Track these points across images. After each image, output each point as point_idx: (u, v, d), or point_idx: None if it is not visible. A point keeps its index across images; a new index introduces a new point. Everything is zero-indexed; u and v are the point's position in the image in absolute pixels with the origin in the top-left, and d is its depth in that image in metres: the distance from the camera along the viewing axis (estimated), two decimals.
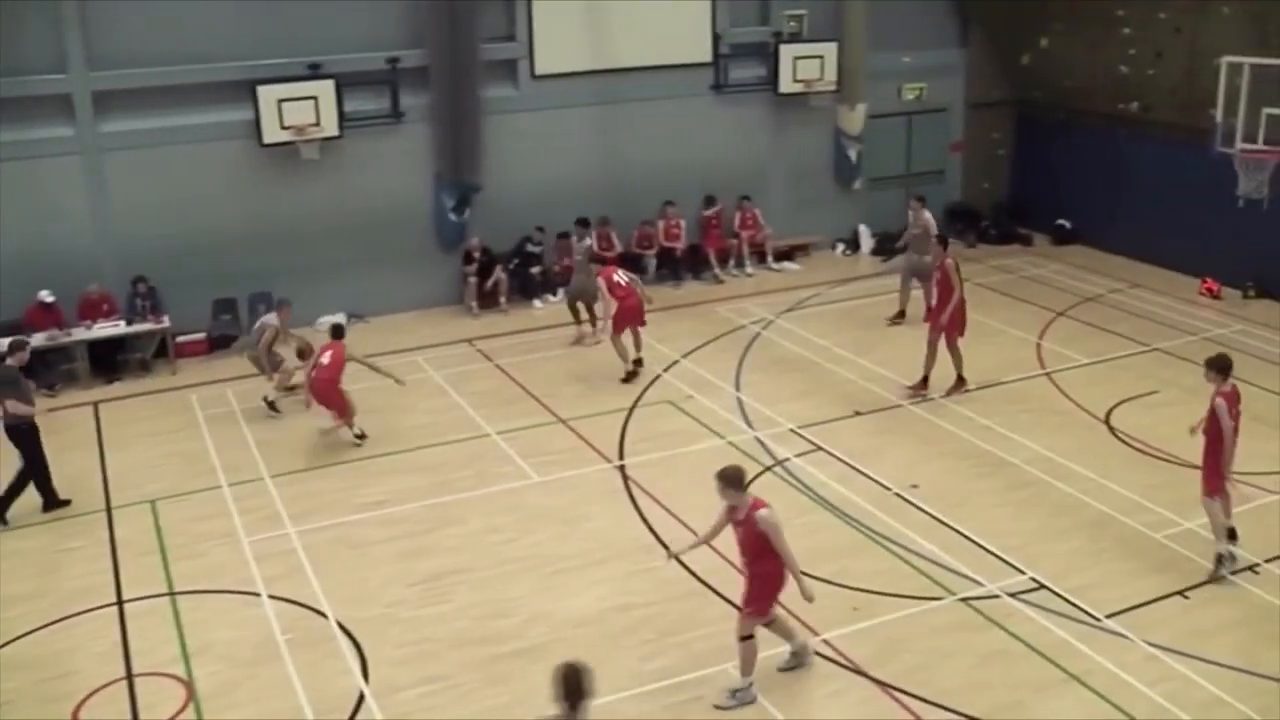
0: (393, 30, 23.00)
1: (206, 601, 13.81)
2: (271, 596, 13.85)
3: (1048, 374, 20.31)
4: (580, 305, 22.30)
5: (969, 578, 13.91)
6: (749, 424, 18.42)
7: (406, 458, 17.50)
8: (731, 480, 11.33)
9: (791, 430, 18.10)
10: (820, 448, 17.48)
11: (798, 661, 12.25)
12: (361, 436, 18.03)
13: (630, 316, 20.25)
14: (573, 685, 8.71)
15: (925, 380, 19.44)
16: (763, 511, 11.22)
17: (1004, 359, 20.84)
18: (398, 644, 12.89)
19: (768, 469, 16.88)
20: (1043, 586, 13.71)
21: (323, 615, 13.44)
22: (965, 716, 11.51)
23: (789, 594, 11.64)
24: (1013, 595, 13.56)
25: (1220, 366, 13.95)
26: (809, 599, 11.58)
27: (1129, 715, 11.49)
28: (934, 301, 19.42)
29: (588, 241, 23.99)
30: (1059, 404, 19.09)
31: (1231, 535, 14.16)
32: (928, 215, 22.83)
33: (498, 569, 14.36)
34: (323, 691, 12.09)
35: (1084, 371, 20.38)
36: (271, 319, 19.71)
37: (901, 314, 23.12)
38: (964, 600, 13.48)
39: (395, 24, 23.00)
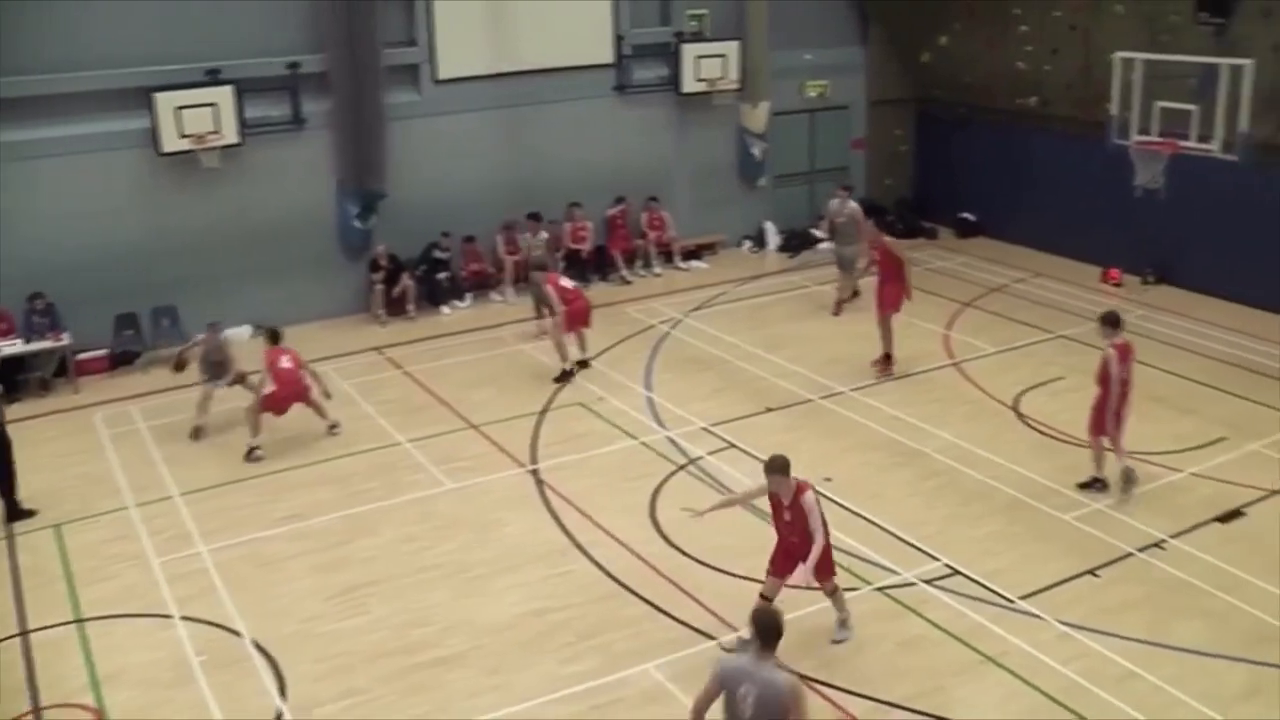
0: (292, 34, 22.66)
1: (117, 627, 13.50)
2: (184, 618, 13.57)
3: (956, 364, 20.52)
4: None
5: (885, 567, 14.01)
6: (661, 424, 18.41)
7: (317, 470, 17.28)
8: (778, 468, 11.79)
9: (704, 429, 18.12)
10: (733, 445, 17.51)
11: (846, 634, 12.68)
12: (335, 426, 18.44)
13: (578, 319, 20.55)
14: (767, 627, 8.61)
15: (888, 357, 20.11)
16: (809, 494, 11.86)
17: (913, 350, 20.99)
18: (315, 659, 12.71)
19: (681, 468, 16.89)
20: (957, 572, 13.84)
21: (237, 634, 13.20)
22: (885, 703, 11.60)
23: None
24: (928, 582, 13.68)
25: (1110, 320, 15.28)
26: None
27: (1045, 693, 11.65)
28: (878, 282, 20.31)
29: (544, 235, 24.45)
30: (968, 393, 19.29)
31: (1101, 485, 15.37)
32: (854, 204, 23.20)
33: (413, 578, 14.22)
34: (240, 712, 11.89)
35: (991, 360, 20.62)
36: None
37: (841, 304, 23.45)
38: (881, 590, 13.58)
39: (295, 28, 22.66)
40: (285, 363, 17.86)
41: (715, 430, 18.03)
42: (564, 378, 20.25)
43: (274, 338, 18.30)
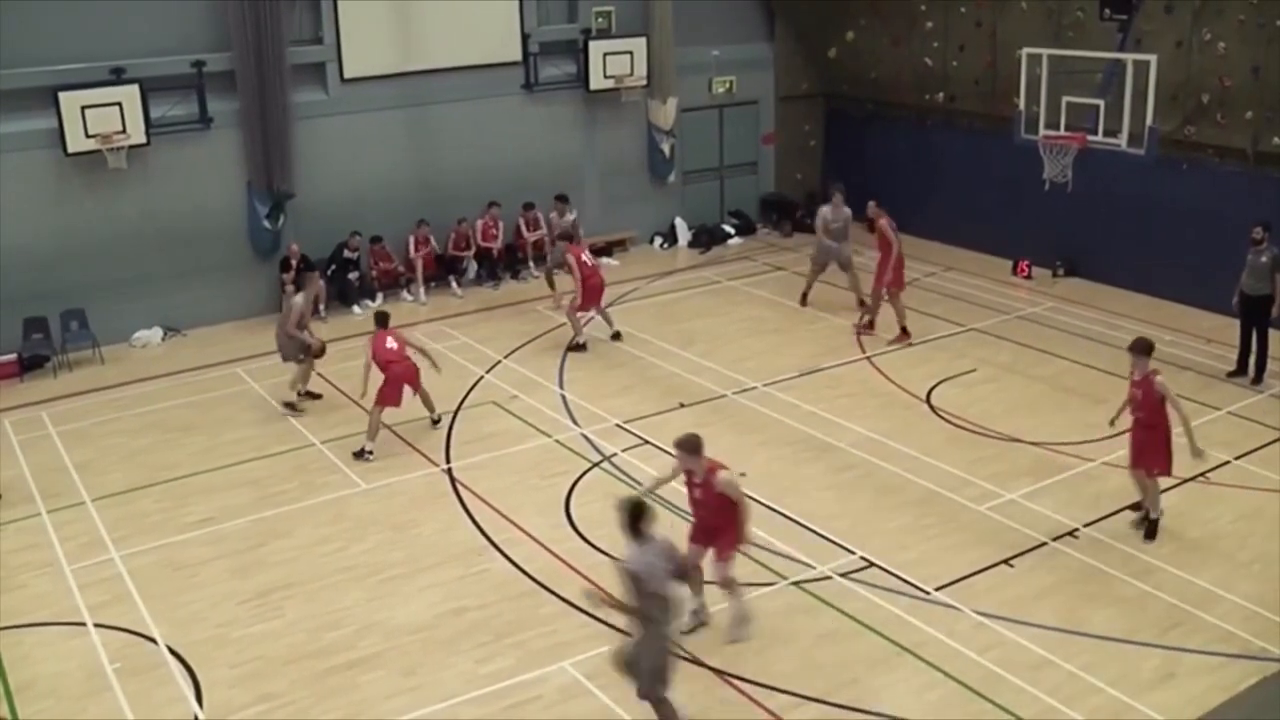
0: (197, 32, 22.32)
1: (28, 636, 13.22)
2: (98, 625, 13.34)
3: (868, 358, 20.65)
4: (555, 276, 23.69)
5: (800, 561, 14.06)
6: (575, 421, 18.37)
7: (229, 473, 17.04)
8: (686, 446, 12.01)
9: (617, 425, 18.10)
10: (647, 441, 17.49)
11: (697, 621, 12.69)
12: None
13: (593, 295, 21.51)
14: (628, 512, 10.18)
15: (905, 330, 21.14)
16: (723, 474, 12.04)
17: (824, 345, 21.16)
18: (230, 664, 12.55)
19: (595, 465, 16.86)
20: (872, 564, 13.93)
21: (152, 641, 13.00)
22: (803, 698, 11.63)
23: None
24: (844, 575, 13.75)
25: (1148, 348, 14.15)
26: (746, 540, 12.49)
27: (961, 682, 11.75)
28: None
29: (570, 215, 24.53)
30: (880, 386, 19.42)
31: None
32: (847, 209, 23.36)
33: (327, 580, 14.08)
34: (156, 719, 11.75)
35: (903, 354, 20.77)
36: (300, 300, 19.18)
37: (807, 296, 23.75)
38: (796, 584, 13.63)
39: (200, 26, 22.33)
40: (390, 343, 17.63)
41: (629, 427, 18.01)
42: (578, 348, 21.34)
43: (382, 320, 18.16)
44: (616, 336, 21.80)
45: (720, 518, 12.19)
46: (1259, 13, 20.43)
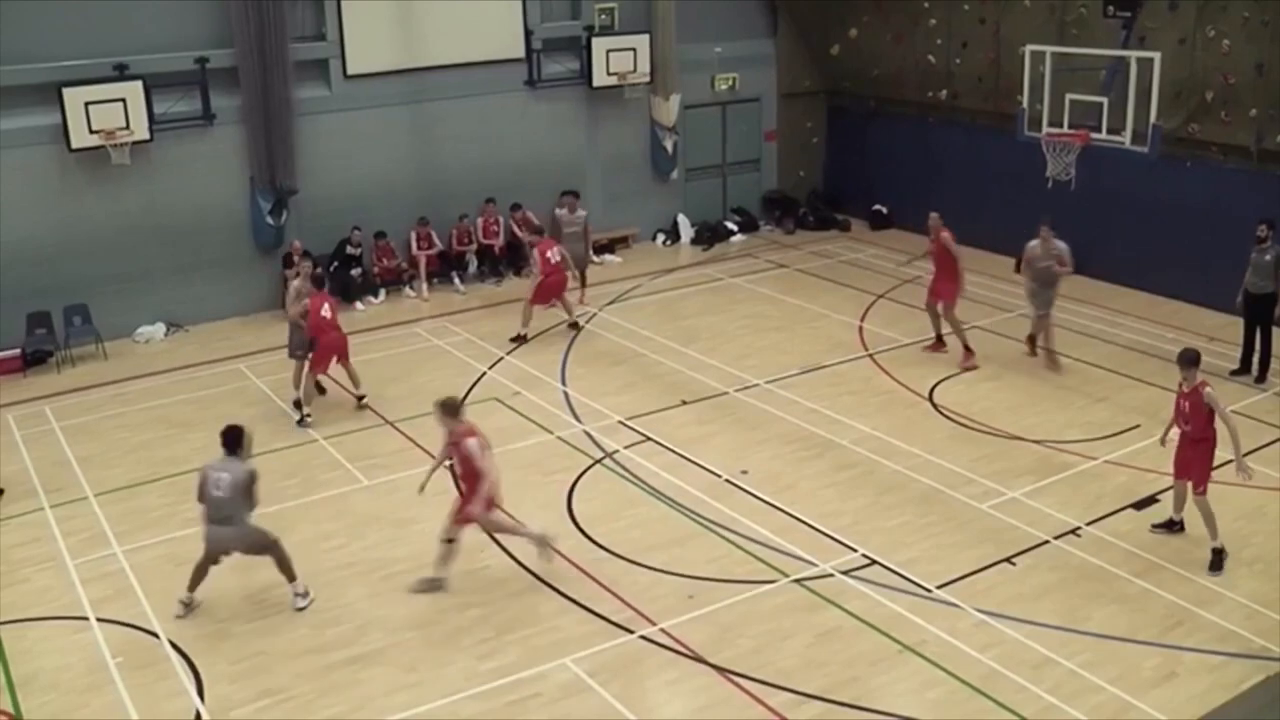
0: (201, 29, 22.34)
1: (31, 630, 13.22)
2: (100, 620, 13.32)
3: (870, 355, 20.63)
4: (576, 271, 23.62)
5: (802, 559, 14.04)
6: (577, 418, 18.36)
7: None
8: (443, 409, 13.38)
9: (620, 422, 18.09)
10: (649, 438, 17.49)
11: (431, 587, 13.61)
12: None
13: (547, 292, 21.77)
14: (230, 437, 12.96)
15: (969, 350, 20.02)
16: (470, 440, 13.19)
17: (826, 342, 21.15)
18: (232, 660, 12.54)
19: (597, 462, 16.85)
20: (874, 562, 13.91)
21: (154, 635, 12.99)
22: (804, 695, 11.61)
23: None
24: (845, 573, 13.73)
25: (1196, 359, 13.71)
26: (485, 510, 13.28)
27: (963, 680, 11.73)
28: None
29: (582, 213, 24.33)
30: (882, 384, 19.40)
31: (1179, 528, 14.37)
32: (1061, 244, 19.74)
33: (329, 576, 14.07)
34: (158, 714, 11.70)
35: (905, 352, 20.75)
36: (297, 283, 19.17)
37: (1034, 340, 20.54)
38: (798, 581, 13.60)
39: (203, 22, 22.35)
40: (325, 311, 17.92)
41: (631, 424, 18.00)
42: (519, 340, 21.65)
43: (318, 283, 18.74)
44: (574, 326, 22.15)
45: (467, 480, 13.35)
46: (1262, 10, 20.39)
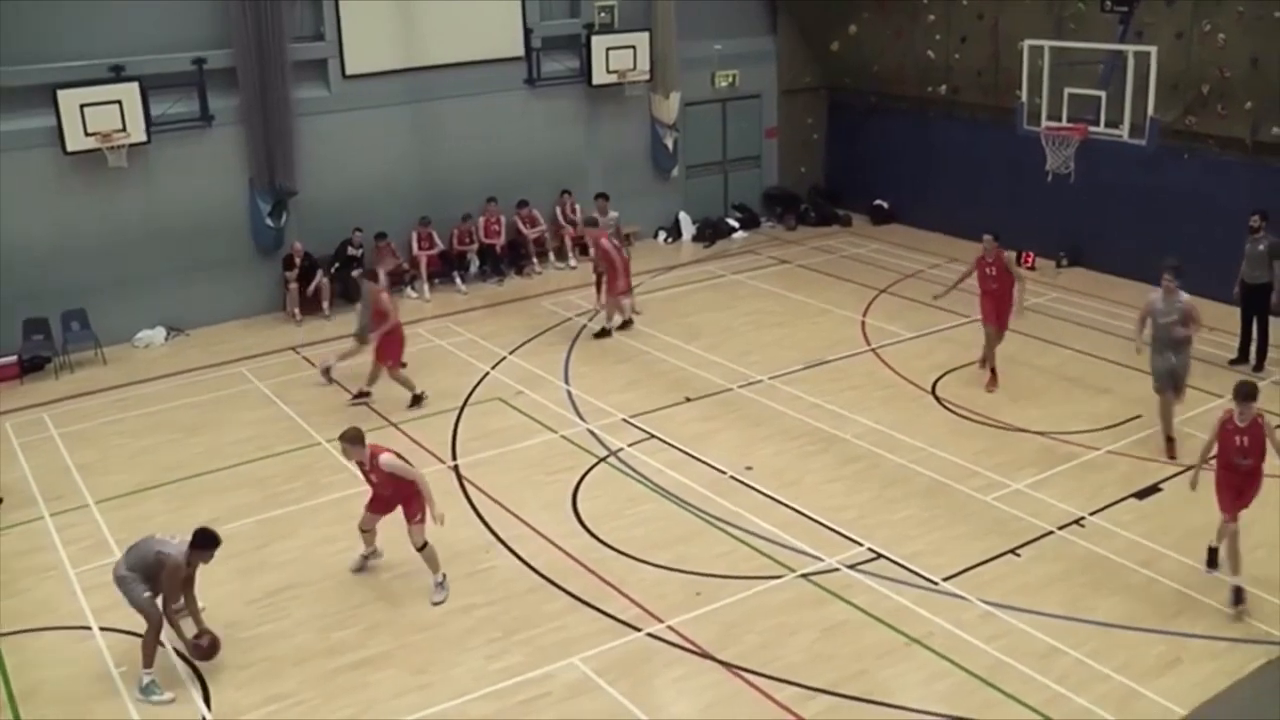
0: (198, 29, 22.23)
1: (32, 641, 13.15)
2: (103, 629, 13.25)
3: (873, 349, 20.64)
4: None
5: (808, 553, 14.05)
6: (580, 416, 18.36)
7: (234, 473, 17.00)
8: (347, 438, 13.37)
9: (624, 420, 18.09)
10: (653, 436, 17.49)
11: (364, 565, 14.24)
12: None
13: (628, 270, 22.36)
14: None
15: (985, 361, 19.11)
16: (384, 456, 13.31)
17: (829, 337, 21.14)
18: (238, 665, 12.51)
19: (601, 460, 16.84)
20: (880, 556, 13.92)
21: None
22: (812, 689, 11.62)
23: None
24: (851, 567, 13.73)
25: (1253, 392, 12.79)
26: (439, 520, 13.33)
27: (970, 672, 11.75)
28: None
29: (614, 214, 24.23)
30: (885, 378, 19.41)
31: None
32: (1186, 295, 16.75)
33: (334, 580, 14.05)
34: None
35: (908, 345, 20.76)
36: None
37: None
38: (804, 576, 13.60)
39: (200, 23, 22.24)
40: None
41: (635, 422, 18.00)
42: (625, 325, 22.31)
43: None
44: (605, 333, 22.03)
45: (400, 492, 13.44)
46: (1258, 4, 20.41)
